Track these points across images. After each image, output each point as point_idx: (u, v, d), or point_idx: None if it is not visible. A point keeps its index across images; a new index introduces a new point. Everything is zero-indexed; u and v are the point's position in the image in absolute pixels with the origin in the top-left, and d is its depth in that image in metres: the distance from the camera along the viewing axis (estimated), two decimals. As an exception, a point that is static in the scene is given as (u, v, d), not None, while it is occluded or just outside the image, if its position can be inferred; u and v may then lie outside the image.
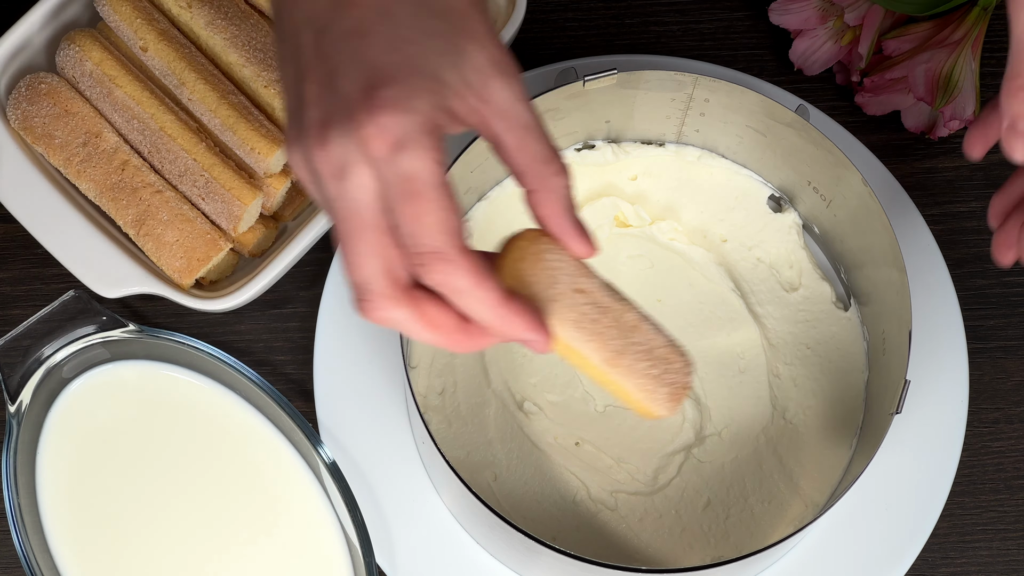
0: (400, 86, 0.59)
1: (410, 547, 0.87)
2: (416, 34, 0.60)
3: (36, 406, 0.87)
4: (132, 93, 0.87)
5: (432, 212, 0.59)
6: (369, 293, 0.61)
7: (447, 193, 0.60)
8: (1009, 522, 0.90)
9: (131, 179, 0.87)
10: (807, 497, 0.85)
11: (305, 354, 0.92)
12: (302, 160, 0.61)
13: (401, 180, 0.59)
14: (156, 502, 0.87)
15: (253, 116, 0.86)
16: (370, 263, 0.60)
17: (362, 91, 0.59)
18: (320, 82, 0.61)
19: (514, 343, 0.69)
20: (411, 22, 0.61)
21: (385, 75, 0.59)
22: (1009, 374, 0.92)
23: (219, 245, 0.87)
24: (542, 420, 0.87)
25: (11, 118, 0.88)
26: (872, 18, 0.89)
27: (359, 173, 0.59)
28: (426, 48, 0.60)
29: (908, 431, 0.88)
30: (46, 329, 0.87)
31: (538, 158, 0.63)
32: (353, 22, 0.61)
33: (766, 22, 0.96)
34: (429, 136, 0.59)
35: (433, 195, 0.59)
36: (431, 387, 0.87)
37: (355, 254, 0.60)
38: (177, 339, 0.87)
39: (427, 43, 0.60)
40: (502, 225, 0.90)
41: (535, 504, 0.86)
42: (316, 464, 0.86)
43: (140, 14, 0.87)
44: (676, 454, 0.86)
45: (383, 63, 0.60)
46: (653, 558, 0.85)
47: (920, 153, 0.95)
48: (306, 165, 0.61)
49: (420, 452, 0.88)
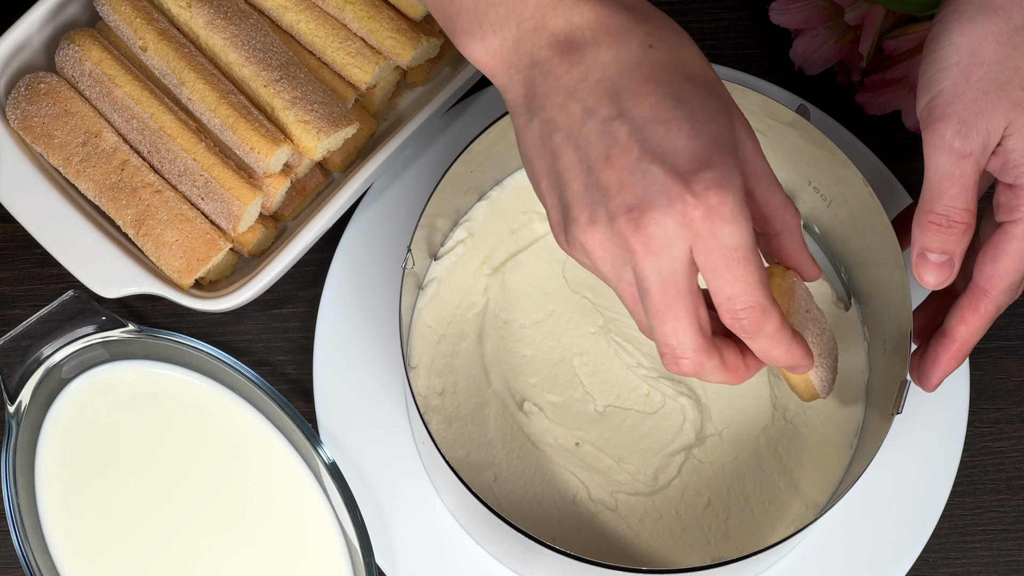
0: (717, 167, 0.64)
1: (410, 547, 0.87)
2: (707, 114, 0.65)
3: (35, 406, 0.86)
4: (131, 93, 0.87)
5: (753, 272, 0.65)
6: (686, 351, 0.66)
7: (757, 252, 0.66)
8: (1010, 522, 0.90)
9: (130, 179, 0.87)
10: (807, 497, 0.85)
11: (305, 354, 0.92)
12: (603, 242, 0.65)
13: (725, 250, 0.64)
14: (155, 502, 0.86)
15: (253, 116, 0.86)
16: (687, 327, 0.66)
17: (681, 176, 0.64)
18: (625, 169, 0.64)
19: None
20: (699, 103, 0.65)
21: (701, 158, 0.64)
22: (1010, 374, 0.92)
23: (219, 245, 0.87)
24: (542, 420, 0.87)
25: (10, 118, 0.88)
26: (872, 18, 0.89)
27: (679, 248, 0.64)
28: (720, 127, 0.65)
29: (909, 431, 0.88)
30: (45, 329, 0.87)
31: (781, 204, 0.71)
32: (649, 110, 0.65)
33: (766, 22, 0.96)
34: (744, 207, 0.65)
35: (752, 257, 0.65)
36: (431, 387, 0.87)
37: (673, 320, 0.66)
38: (176, 339, 0.87)
39: (719, 122, 0.65)
40: (502, 225, 0.90)
41: (535, 504, 0.86)
42: (316, 464, 0.86)
43: (139, 14, 0.87)
44: (676, 454, 0.86)
45: (695, 148, 0.64)
46: (653, 558, 0.85)
47: (920, 153, 0.95)
48: (610, 246, 0.65)
49: (420, 452, 0.88)
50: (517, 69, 0.67)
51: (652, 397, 0.87)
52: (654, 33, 0.67)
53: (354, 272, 0.91)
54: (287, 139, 0.86)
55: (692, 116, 0.65)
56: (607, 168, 0.65)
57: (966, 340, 0.75)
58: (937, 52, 0.72)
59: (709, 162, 0.64)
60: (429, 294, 0.88)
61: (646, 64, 0.66)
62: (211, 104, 0.86)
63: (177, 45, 0.87)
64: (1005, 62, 0.71)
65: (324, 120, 0.86)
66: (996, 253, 0.73)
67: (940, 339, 0.76)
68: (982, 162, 0.72)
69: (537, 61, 0.67)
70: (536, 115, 0.67)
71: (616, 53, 0.66)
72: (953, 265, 0.73)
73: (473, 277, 0.89)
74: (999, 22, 0.71)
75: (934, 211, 0.72)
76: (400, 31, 0.88)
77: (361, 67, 0.88)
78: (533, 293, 0.89)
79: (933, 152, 0.72)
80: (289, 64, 0.87)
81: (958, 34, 0.71)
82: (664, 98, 0.65)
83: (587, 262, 0.67)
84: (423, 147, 0.93)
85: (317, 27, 0.88)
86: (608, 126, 0.65)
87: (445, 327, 0.88)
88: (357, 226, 0.91)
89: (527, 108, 0.67)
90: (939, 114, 0.72)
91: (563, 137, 0.66)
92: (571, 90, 0.66)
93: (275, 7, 0.89)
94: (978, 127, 0.71)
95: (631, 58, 0.66)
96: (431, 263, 0.89)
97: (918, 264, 0.74)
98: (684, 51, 0.67)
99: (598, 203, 0.65)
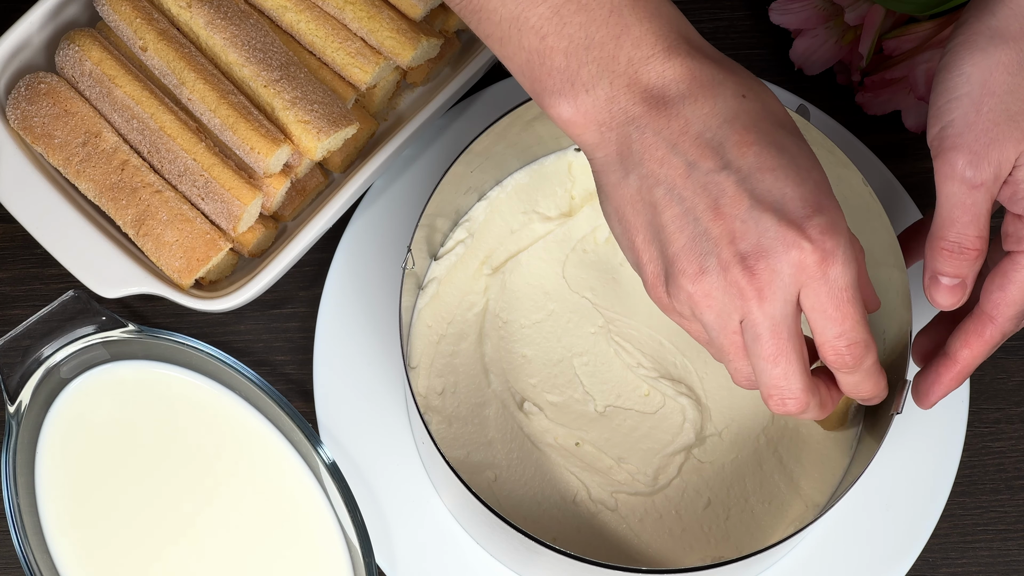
0: (828, 212, 0.67)
1: (410, 547, 0.87)
2: (807, 160, 0.68)
3: (35, 406, 0.86)
4: (131, 93, 0.87)
5: (860, 310, 0.68)
6: (795, 392, 0.69)
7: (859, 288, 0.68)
8: (1010, 522, 0.90)
9: (130, 179, 0.87)
10: (807, 497, 0.85)
11: (305, 354, 0.92)
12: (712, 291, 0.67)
13: (837, 291, 0.67)
14: (155, 502, 0.86)
15: (253, 116, 0.86)
16: (796, 369, 0.68)
17: (795, 223, 0.66)
18: (737, 218, 0.66)
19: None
20: (797, 150, 0.68)
21: (812, 204, 0.66)
22: (1010, 374, 0.92)
23: (219, 245, 0.87)
24: (542, 420, 0.87)
25: (10, 118, 0.88)
26: (872, 18, 0.89)
27: (791, 292, 0.67)
28: (820, 172, 0.68)
29: (909, 431, 0.88)
30: (45, 329, 0.87)
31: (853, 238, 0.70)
32: (754, 160, 0.67)
33: (766, 22, 0.96)
34: (852, 248, 0.68)
35: (859, 296, 0.68)
36: (431, 387, 0.87)
37: (785, 363, 0.68)
38: (177, 339, 0.87)
39: (818, 167, 0.68)
40: (502, 225, 0.90)
41: (535, 504, 0.86)
42: (316, 464, 0.86)
43: (139, 14, 0.87)
44: (676, 454, 0.86)
45: (804, 194, 0.67)
46: (653, 558, 0.85)
47: (920, 153, 0.95)
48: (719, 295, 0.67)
49: (420, 452, 0.88)
50: (609, 127, 0.68)
51: (652, 397, 0.87)
52: (743, 84, 0.68)
53: (354, 272, 0.91)
54: (287, 139, 0.86)
55: (795, 163, 0.67)
56: (717, 219, 0.66)
57: (968, 363, 0.76)
58: (948, 81, 0.72)
59: (820, 207, 0.66)
60: (429, 294, 0.88)
61: (744, 114, 0.67)
62: (211, 104, 0.86)
63: (177, 45, 0.87)
64: (1016, 92, 0.71)
65: (324, 120, 0.86)
66: (1004, 282, 0.74)
67: (943, 360, 0.77)
68: (994, 191, 0.72)
69: (632, 117, 0.67)
70: (633, 171, 0.68)
71: (713, 105, 0.67)
72: (966, 287, 0.74)
73: (473, 277, 0.89)
74: (1010, 52, 0.71)
75: (946, 238, 0.73)
76: (400, 31, 0.88)
77: (361, 67, 0.88)
78: (533, 293, 0.89)
79: (944, 181, 0.72)
80: (289, 64, 0.87)
81: (969, 64, 0.72)
82: (766, 147, 0.67)
83: (687, 313, 0.69)
84: (423, 147, 0.93)
85: (317, 27, 0.88)
86: (714, 178, 0.66)
87: (445, 327, 0.88)
88: (357, 226, 0.91)
89: (621, 164, 0.68)
90: (950, 144, 0.72)
91: (665, 191, 0.67)
92: (672, 143, 0.67)
93: (275, 7, 0.89)
94: (989, 158, 0.71)
95: (728, 109, 0.67)
96: (431, 263, 0.89)
97: (930, 286, 0.74)
98: (770, 100, 0.69)
99: (708, 253, 0.67)
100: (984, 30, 0.72)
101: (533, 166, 0.90)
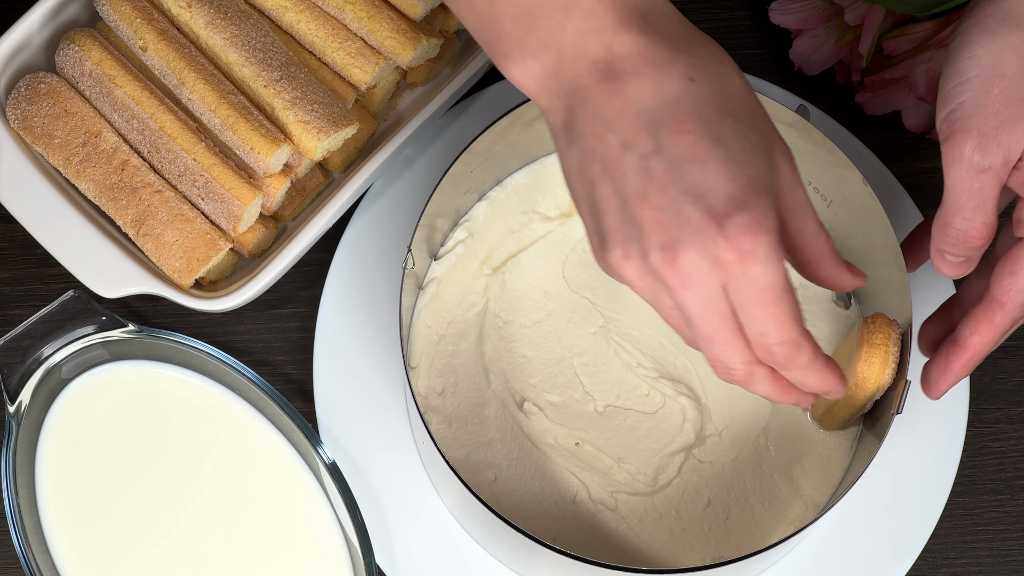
0: (751, 210, 0.64)
1: (410, 547, 0.87)
2: (745, 155, 0.65)
3: (35, 406, 0.86)
4: (132, 93, 0.87)
5: (785, 309, 0.66)
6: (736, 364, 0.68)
7: (790, 287, 0.66)
8: (1010, 522, 0.90)
9: (131, 179, 0.87)
10: (807, 497, 0.85)
11: (305, 354, 0.92)
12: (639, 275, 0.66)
13: (758, 290, 0.65)
14: (155, 502, 0.86)
15: (253, 116, 0.86)
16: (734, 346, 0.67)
17: (715, 219, 0.64)
18: (660, 208, 0.65)
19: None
20: (738, 144, 0.65)
21: (735, 201, 0.64)
22: (1009, 374, 0.92)
23: (219, 245, 0.87)
24: (542, 420, 0.87)
25: (10, 118, 0.88)
26: (872, 18, 0.89)
27: (714, 283, 0.65)
28: (758, 168, 0.65)
29: (909, 431, 0.88)
30: (46, 329, 0.87)
31: (812, 232, 0.69)
32: (687, 149, 0.64)
33: (766, 22, 0.96)
34: (777, 248, 0.65)
35: (784, 295, 0.65)
36: (431, 387, 0.87)
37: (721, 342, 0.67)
38: (177, 339, 0.87)
39: (756, 162, 0.65)
40: (502, 225, 0.90)
41: (535, 504, 0.86)
42: (316, 464, 0.86)
43: (139, 14, 0.87)
44: (676, 454, 0.86)
45: (731, 190, 0.64)
46: (653, 558, 0.85)
47: (920, 153, 0.95)
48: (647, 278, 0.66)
49: (420, 452, 0.88)
50: (558, 95, 0.67)
51: (652, 397, 0.87)
52: (696, 65, 0.66)
53: (354, 272, 0.91)
54: (287, 139, 0.86)
55: (730, 157, 0.65)
56: (643, 205, 0.65)
57: (978, 350, 0.75)
58: (958, 64, 0.71)
59: (743, 205, 0.64)
60: (429, 294, 0.88)
61: (686, 99, 0.65)
62: (211, 104, 0.86)
63: (177, 45, 0.87)
64: None
65: (324, 120, 0.86)
66: (1015, 268, 0.73)
67: (951, 347, 0.76)
68: (1002, 176, 0.71)
69: (577, 88, 0.66)
70: (575, 142, 0.67)
71: (656, 86, 0.65)
72: (972, 262, 0.73)
73: (473, 277, 0.89)
74: (1021, 35, 0.70)
75: (952, 224, 0.72)
76: (400, 31, 0.88)
77: (361, 67, 0.88)
78: (533, 293, 0.89)
79: (952, 165, 0.71)
80: (289, 64, 0.87)
81: (980, 46, 0.71)
82: (702, 137, 0.65)
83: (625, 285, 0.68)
84: (423, 147, 0.93)
85: (317, 27, 0.88)
86: (645, 162, 0.65)
87: (445, 327, 0.88)
88: (357, 226, 0.91)
89: (567, 134, 0.67)
90: (959, 127, 0.71)
91: (600, 168, 0.66)
92: (609, 121, 0.66)
93: (275, 7, 0.89)
94: (999, 141, 0.70)
95: (671, 92, 0.65)
96: (431, 263, 0.89)
97: (936, 258, 0.74)
98: (727, 83, 0.66)
99: (632, 239, 0.66)
100: (996, 12, 0.71)
101: (533, 166, 0.90)
